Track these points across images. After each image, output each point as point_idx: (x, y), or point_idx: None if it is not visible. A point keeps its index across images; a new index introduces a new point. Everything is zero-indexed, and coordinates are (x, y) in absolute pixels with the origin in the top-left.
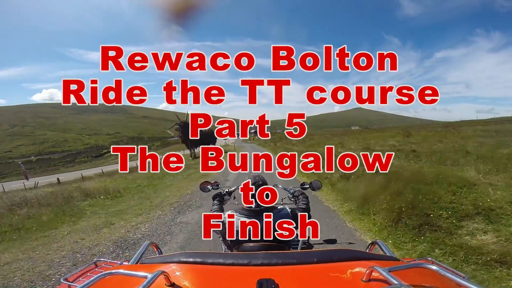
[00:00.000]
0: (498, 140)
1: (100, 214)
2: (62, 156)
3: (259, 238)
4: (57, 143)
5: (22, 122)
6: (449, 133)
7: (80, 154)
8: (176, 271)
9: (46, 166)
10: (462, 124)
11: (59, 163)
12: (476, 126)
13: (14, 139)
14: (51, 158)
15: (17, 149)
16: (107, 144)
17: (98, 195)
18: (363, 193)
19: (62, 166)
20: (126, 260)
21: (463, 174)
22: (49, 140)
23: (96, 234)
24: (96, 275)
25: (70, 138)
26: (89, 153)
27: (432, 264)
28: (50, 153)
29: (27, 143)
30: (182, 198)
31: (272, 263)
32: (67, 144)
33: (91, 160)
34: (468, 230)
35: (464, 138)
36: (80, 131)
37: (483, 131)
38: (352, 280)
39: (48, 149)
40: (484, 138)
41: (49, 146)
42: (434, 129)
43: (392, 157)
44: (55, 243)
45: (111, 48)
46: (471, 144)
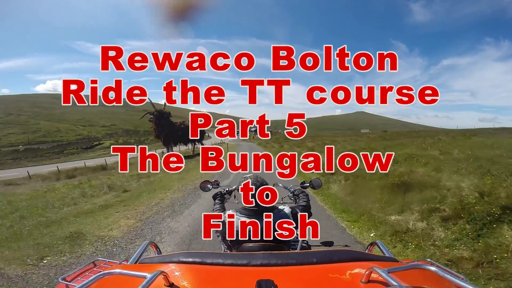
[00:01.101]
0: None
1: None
2: (51, 146)
3: (259, 238)
4: (49, 133)
5: (18, 111)
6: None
7: (70, 145)
8: (176, 271)
9: (32, 156)
10: (476, 132)
11: (47, 154)
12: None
13: (6, 128)
14: (40, 148)
15: (7, 137)
16: (100, 136)
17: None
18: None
19: (47, 158)
20: (125, 259)
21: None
22: (42, 129)
23: None
24: (95, 274)
25: (63, 128)
26: (79, 145)
27: (431, 265)
28: (39, 143)
29: (18, 132)
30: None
31: (271, 264)
32: (59, 134)
33: (80, 152)
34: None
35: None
36: (75, 121)
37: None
38: (352, 281)
39: (38, 139)
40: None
41: (40, 135)
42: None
43: (392, 157)
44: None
45: (111, 48)
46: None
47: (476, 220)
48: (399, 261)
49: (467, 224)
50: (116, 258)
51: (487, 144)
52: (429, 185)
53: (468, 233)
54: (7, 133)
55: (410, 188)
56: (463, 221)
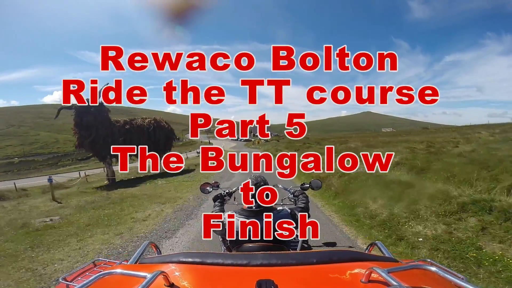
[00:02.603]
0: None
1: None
2: (46, 158)
3: (259, 238)
4: (47, 144)
5: (21, 122)
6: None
7: (66, 156)
8: (176, 271)
9: (25, 169)
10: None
11: (40, 166)
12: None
13: (5, 139)
14: (35, 160)
15: (4, 149)
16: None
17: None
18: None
19: (37, 170)
20: (125, 259)
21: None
22: (40, 140)
23: None
24: (95, 274)
25: (62, 139)
26: (76, 156)
27: (431, 265)
28: (35, 155)
29: (16, 144)
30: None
31: (271, 264)
32: (57, 145)
33: (74, 163)
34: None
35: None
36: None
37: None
38: (351, 281)
39: (34, 150)
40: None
41: (37, 147)
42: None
43: (392, 157)
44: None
45: (111, 48)
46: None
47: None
48: (399, 261)
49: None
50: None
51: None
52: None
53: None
54: (5, 145)
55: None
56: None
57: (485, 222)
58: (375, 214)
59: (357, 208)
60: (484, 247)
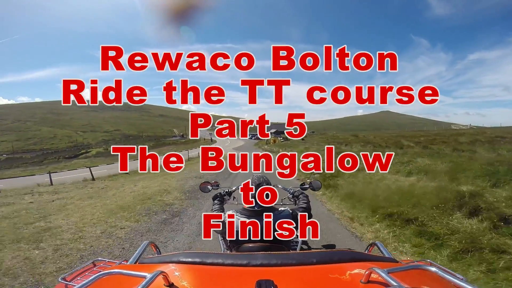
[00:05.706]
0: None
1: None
2: (35, 155)
3: (259, 238)
4: (42, 140)
5: (29, 118)
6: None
7: (54, 153)
8: (175, 271)
9: (7, 167)
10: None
11: (24, 164)
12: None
13: (3, 135)
14: (22, 157)
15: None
16: (95, 142)
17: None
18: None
19: (20, 168)
20: (124, 259)
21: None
22: (37, 136)
23: None
24: (95, 274)
25: (60, 135)
26: (65, 153)
27: (431, 265)
28: (25, 151)
29: (11, 139)
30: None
31: (271, 264)
32: (51, 142)
33: (62, 161)
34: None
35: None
36: (79, 127)
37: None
38: (351, 281)
39: (27, 146)
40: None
41: (31, 143)
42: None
43: (392, 157)
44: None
45: (111, 48)
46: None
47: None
48: (398, 262)
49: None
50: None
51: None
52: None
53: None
54: (0, 140)
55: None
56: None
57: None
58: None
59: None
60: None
